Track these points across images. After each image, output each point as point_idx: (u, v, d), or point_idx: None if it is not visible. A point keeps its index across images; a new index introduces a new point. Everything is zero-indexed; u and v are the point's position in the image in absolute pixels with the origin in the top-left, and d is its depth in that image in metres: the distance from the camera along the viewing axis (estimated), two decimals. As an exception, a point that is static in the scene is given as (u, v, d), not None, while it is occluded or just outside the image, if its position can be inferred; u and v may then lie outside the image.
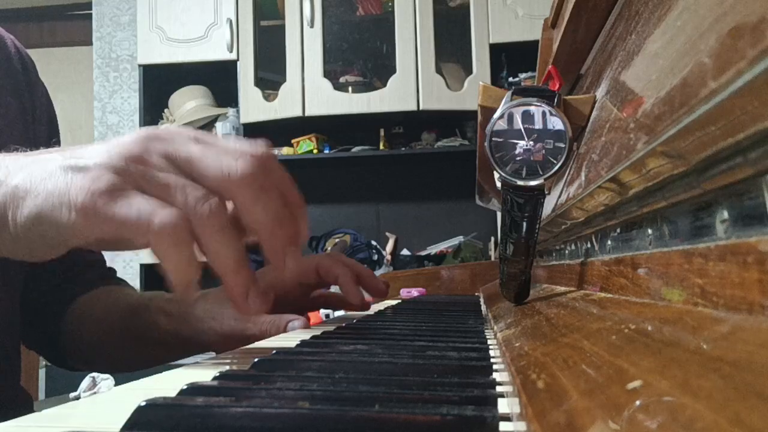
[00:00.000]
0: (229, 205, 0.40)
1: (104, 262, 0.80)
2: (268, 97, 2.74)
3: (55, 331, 0.71)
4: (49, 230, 0.38)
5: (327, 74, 2.69)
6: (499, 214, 0.63)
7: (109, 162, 0.38)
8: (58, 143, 0.74)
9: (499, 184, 0.41)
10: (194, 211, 0.37)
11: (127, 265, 2.96)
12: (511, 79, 2.67)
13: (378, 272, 2.70)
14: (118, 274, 0.82)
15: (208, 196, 0.38)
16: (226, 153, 0.39)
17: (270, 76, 2.81)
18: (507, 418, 0.22)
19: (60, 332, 0.72)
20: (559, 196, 0.44)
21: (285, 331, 0.58)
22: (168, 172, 0.38)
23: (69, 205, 0.37)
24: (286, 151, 2.80)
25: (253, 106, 2.74)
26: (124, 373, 0.77)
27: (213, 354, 0.57)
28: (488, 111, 0.41)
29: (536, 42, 0.82)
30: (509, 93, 0.40)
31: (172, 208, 0.36)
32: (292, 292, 0.69)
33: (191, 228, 0.37)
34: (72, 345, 0.72)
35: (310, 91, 2.66)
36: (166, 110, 2.93)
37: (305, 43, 2.68)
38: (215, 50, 2.80)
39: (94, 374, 2.23)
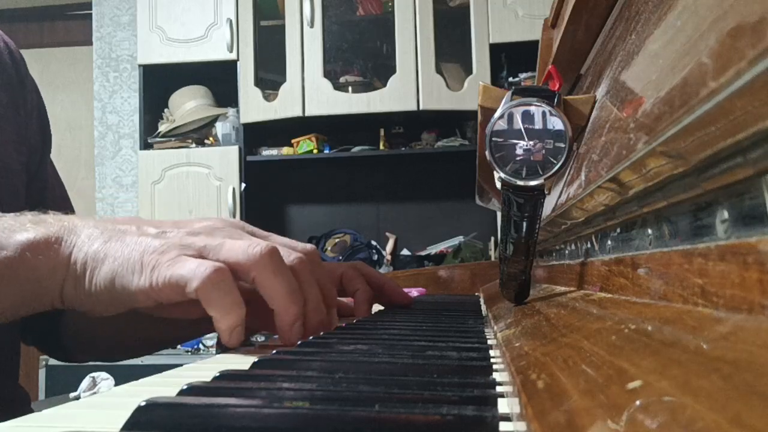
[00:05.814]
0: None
1: None
2: (268, 97, 2.74)
3: (54, 324, 0.71)
4: (120, 292, 0.44)
5: (327, 74, 2.69)
6: (499, 214, 0.63)
7: (176, 239, 0.45)
8: (48, 138, 0.74)
9: (499, 184, 0.41)
10: (248, 255, 0.43)
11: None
12: (511, 79, 2.67)
13: (378, 272, 2.69)
14: None
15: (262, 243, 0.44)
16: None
17: (270, 76, 2.81)
18: (507, 418, 0.22)
19: (59, 324, 0.71)
20: (559, 196, 0.44)
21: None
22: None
23: (141, 269, 0.43)
24: (286, 151, 2.80)
25: (253, 106, 2.74)
26: (129, 358, 0.77)
27: (213, 353, 0.57)
28: (488, 111, 0.41)
29: (536, 42, 0.82)
30: (509, 93, 0.40)
31: (217, 262, 0.42)
32: None
33: (234, 275, 0.42)
34: (73, 335, 0.72)
35: (310, 91, 2.67)
36: (166, 110, 2.93)
37: (305, 43, 2.68)
38: (215, 50, 2.80)
39: (94, 374, 2.24)
